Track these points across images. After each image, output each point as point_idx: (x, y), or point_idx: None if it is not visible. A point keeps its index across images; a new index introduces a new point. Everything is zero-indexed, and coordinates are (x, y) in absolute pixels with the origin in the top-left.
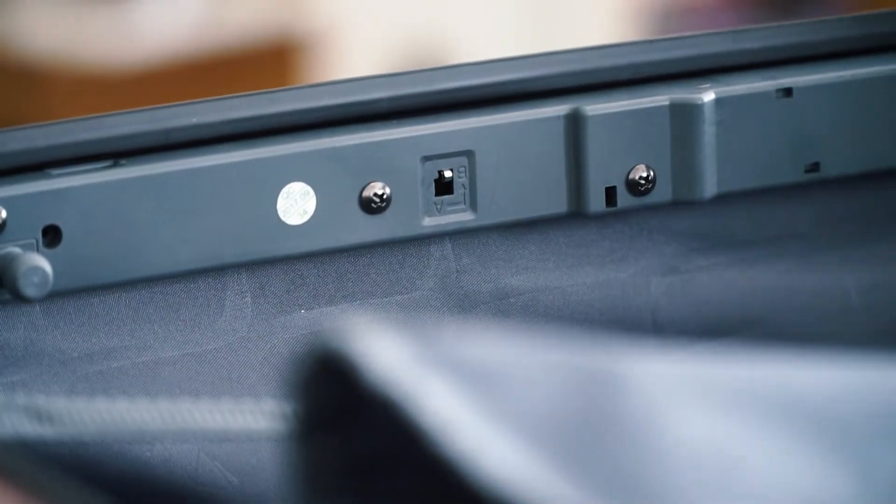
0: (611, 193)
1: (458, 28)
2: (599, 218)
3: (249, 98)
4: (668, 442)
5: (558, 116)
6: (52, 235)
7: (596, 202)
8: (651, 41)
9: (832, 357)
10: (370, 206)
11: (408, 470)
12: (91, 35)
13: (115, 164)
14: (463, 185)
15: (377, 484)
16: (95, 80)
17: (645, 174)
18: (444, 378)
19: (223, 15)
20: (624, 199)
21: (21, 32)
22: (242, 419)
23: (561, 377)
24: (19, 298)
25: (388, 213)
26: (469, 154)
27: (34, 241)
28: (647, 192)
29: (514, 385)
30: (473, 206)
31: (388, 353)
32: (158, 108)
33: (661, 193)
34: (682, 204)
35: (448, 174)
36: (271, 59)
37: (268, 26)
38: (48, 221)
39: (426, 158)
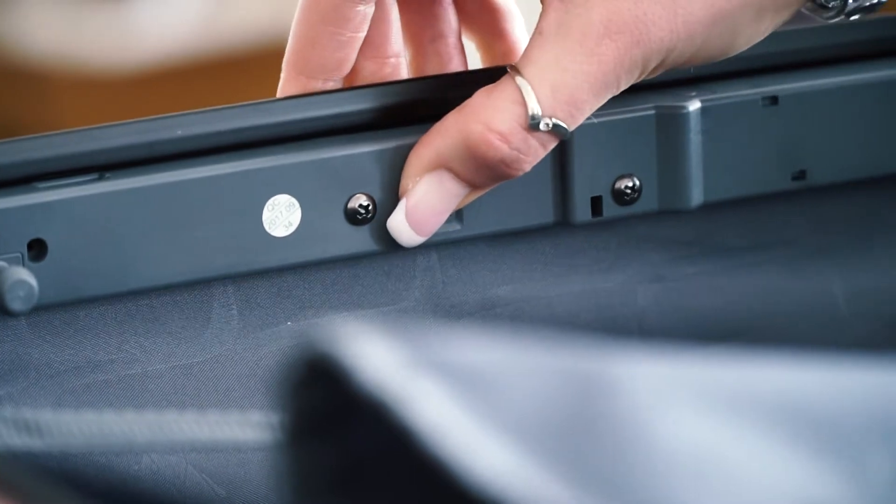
0: (597, 203)
1: None
2: (586, 227)
3: (234, 110)
4: (658, 443)
5: None
6: (37, 249)
7: (582, 212)
8: None
9: (821, 361)
10: (355, 218)
11: (399, 472)
12: (91, 35)
13: (101, 178)
14: None
15: (369, 487)
16: (95, 81)
17: (631, 184)
18: (434, 381)
19: (223, 16)
20: (610, 208)
21: (21, 32)
22: (230, 431)
23: (550, 378)
24: (5, 312)
25: (373, 224)
26: None
27: (20, 254)
28: (633, 201)
29: (505, 387)
30: (459, 216)
31: (378, 355)
32: (143, 120)
33: (648, 203)
34: (669, 213)
35: None
36: (271, 61)
37: (267, 27)
38: (33, 235)
39: None
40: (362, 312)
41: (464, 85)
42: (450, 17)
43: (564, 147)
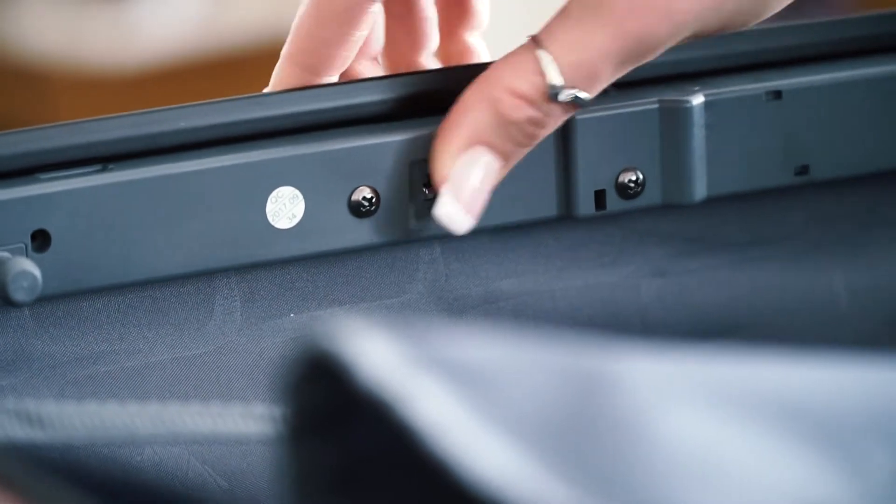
0: (600, 197)
1: None
2: (589, 221)
3: (238, 102)
4: (659, 441)
5: None
6: (41, 240)
7: (585, 205)
8: None
9: (823, 358)
10: (359, 210)
11: (399, 471)
12: (91, 35)
13: (104, 169)
14: None
15: (369, 485)
16: (95, 81)
17: (634, 177)
18: (435, 378)
19: (223, 16)
20: (613, 202)
21: (21, 32)
22: (232, 422)
23: (552, 376)
24: (8, 303)
25: (377, 216)
26: None
27: (23, 245)
28: (637, 195)
29: (505, 385)
30: None
31: (379, 353)
32: (147, 112)
33: (651, 197)
34: (672, 207)
35: None
36: (270, 61)
37: (267, 27)
38: (37, 226)
39: (415, 162)
40: (365, 305)
41: (469, 78)
42: (433, 29)
43: (568, 140)
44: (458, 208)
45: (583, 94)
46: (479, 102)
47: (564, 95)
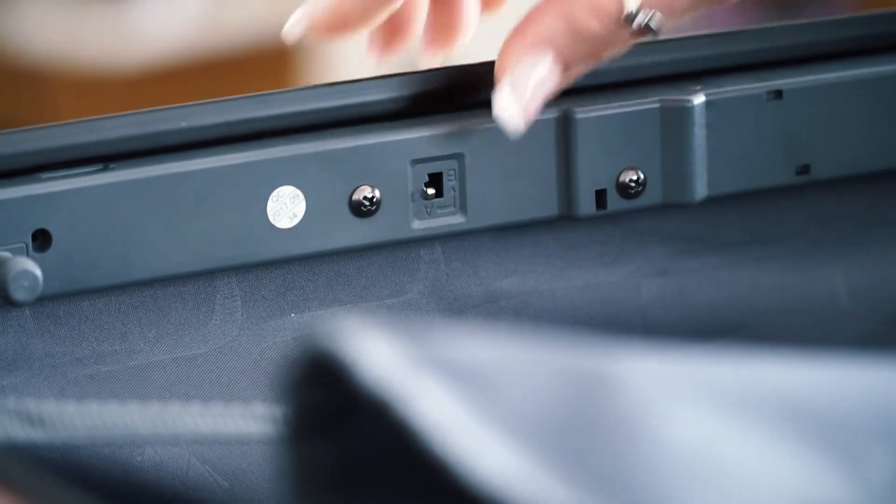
0: (601, 196)
1: None
2: (590, 221)
3: (239, 101)
4: (660, 441)
5: (548, 119)
6: (42, 239)
7: (586, 205)
8: (641, 44)
9: (823, 358)
10: (360, 210)
11: (400, 471)
12: (91, 35)
13: (105, 168)
14: (453, 188)
15: (369, 485)
16: (95, 81)
17: (635, 177)
18: (435, 378)
19: (223, 16)
20: (614, 201)
21: (21, 32)
22: (233, 422)
23: (552, 376)
24: (9, 303)
25: (378, 216)
26: (459, 157)
27: (24, 245)
28: (638, 194)
29: (506, 385)
30: (463, 209)
31: (380, 353)
32: (148, 111)
33: (652, 196)
34: (673, 206)
35: (438, 177)
36: (271, 61)
37: (267, 27)
38: (38, 225)
39: (416, 161)
40: (366, 305)
41: (470, 76)
42: None
43: (569, 140)
44: (514, 102)
45: (655, 22)
46: (553, 10)
47: (640, 20)
